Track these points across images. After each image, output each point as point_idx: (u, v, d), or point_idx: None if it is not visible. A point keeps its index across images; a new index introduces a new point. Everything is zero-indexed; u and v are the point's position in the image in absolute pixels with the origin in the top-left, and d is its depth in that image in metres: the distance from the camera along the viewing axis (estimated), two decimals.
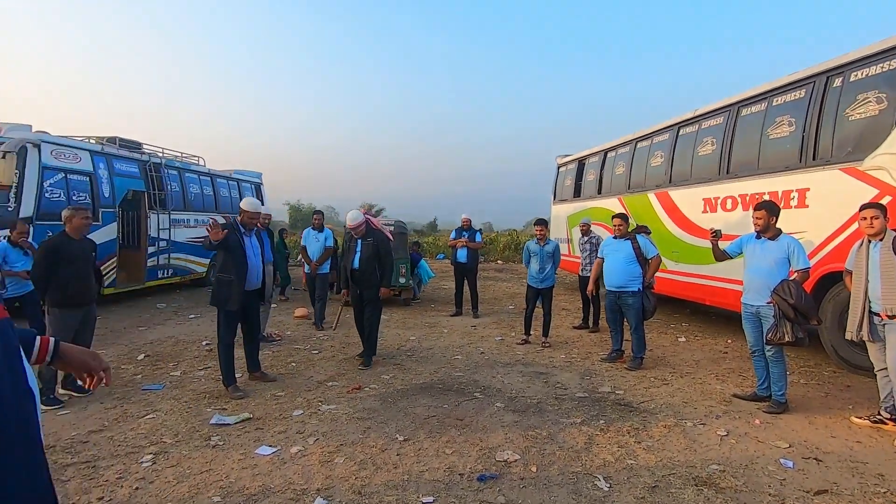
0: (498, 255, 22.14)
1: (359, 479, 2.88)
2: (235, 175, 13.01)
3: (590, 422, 3.76)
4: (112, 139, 9.38)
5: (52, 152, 7.60)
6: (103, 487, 2.76)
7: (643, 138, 8.72)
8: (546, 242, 6.17)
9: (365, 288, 5.23)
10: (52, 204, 7.36)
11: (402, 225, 9.45)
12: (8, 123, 7.46)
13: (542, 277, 6.11)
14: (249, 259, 4.33)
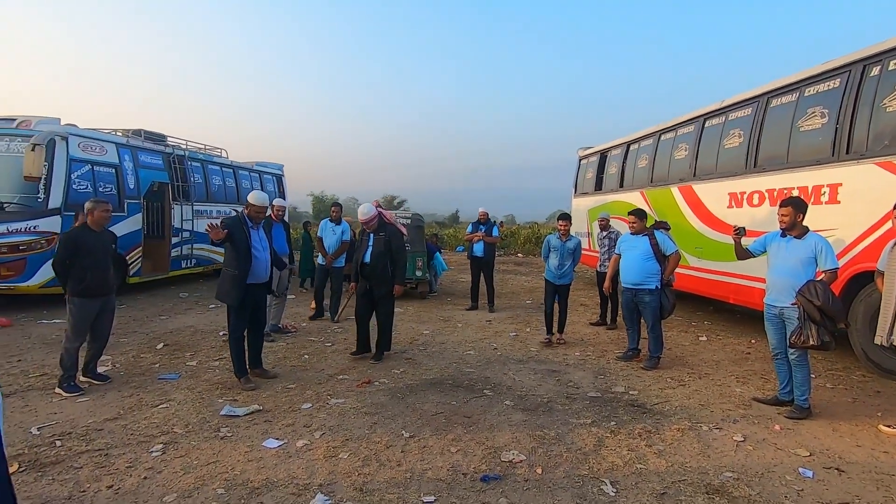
0: (518, 249, 21.97)
1: (361, 475, 2.88)
2: (257, 167, 13.20)
3: (600, 423, 3.67)
4: (137, 132, 9.61)
5: (79, 145, 7.82)
6: (113, 476, 2.82)
7: (667, 130, 8.46)
8: (568, 238, 5.96)
9: (376, 284, 5.11)
10: (80, 195, 7.57)
11: (419, 218, 9.43)
12: (37, 117, 7.70)
13: (561, 273, 5.94)
14: (256, 252, 4.34)
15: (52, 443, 3.19)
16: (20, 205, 7.19)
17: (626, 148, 9.97)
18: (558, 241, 5.94)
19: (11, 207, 7.15)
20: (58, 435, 3.31)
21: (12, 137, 7.42)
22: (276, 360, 5.14)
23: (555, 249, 5.95)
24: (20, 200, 7.22)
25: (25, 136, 7.24)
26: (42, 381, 4.36)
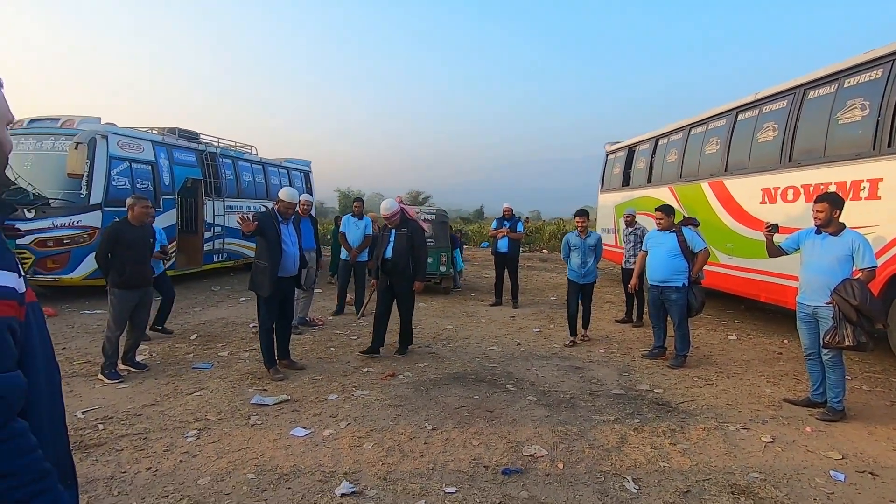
0: (544, 245, 21.79)
1: (385, 464, 2.95)
2: (286, 163, 13.47)
3: (623, 420, 3.65)
4: (172, 130, 9.93)
5: (118, 143, 8.15)
6: (152, 459, 2.97)
7: (697, 124, 8.25)
8: (588, 234, 5.81)
9: (397, 279, 5.11)
10: (119, 191, 7.90)
11: (443, 214, 9.47)
12: (80, 117, 8.05)
13: (585, 272, 5.78)
14: (285, 247, 4.47)
15: (96, 426, 3.38)
16: (64, 200, 7.55)
17: (655, 142, 9.77)
18: (578, 239, 5.80)
19: (56, 203, 7.51)
20: (100, 419, 3.49)
21: (57, 136, 7.79)
22: (302, 352, 5.28)
23: (575, 248, 5.80)
24: (64, 196, 7.57)
25: (69, 135, 7.58)
26: (85, 367, 4.60)
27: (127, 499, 2.56)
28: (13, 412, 0.77)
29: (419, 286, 5.19)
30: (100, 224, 7.54)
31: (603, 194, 12.21)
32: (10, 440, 0.75)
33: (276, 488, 2.68)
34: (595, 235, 5.91)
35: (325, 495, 2.62)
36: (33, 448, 0.79)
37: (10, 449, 0.75)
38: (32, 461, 0.78)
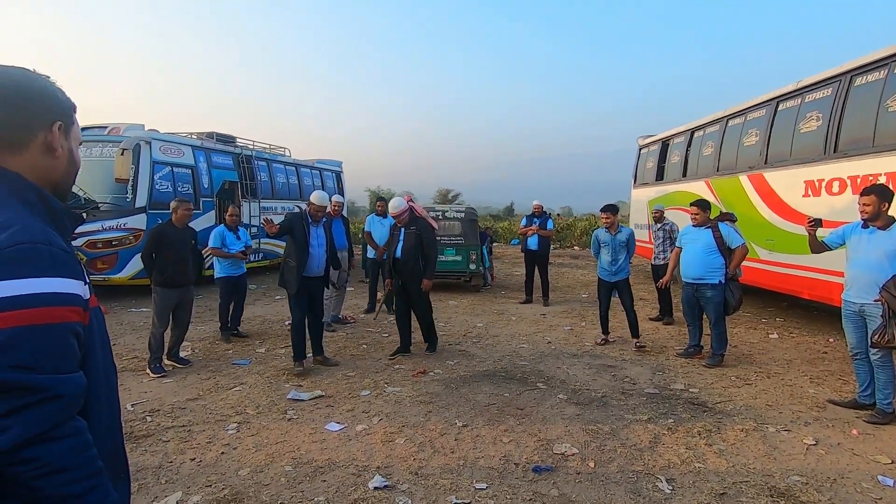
0: (575, 242, 21.49)
1: (417, 460, 3.00)
2: (318, 164, 13.75)
3: (657, 420, 3.59)
4: (210, 134, 10.31)
5: (160, 148, 8.52)
6: (195, 450, 3.12)
7: (736, 115, 7.97)
8: (618, 230, 5.55)
9: (408, 279, 5.02)
10: (161, 195, 8.27)
11: (472, 212, 9.48)
12: (125, 124, 8.46)
13: (616, 269, 5.52)
14: (312, 248, 4.59)
15: (144, 418, 3.57)
16: (112, 204, 7.95)
17: (690, 135, 9.50)
18: (607, 235, 5.55)
19: (105, 207, 7.92)
20: (148, 412, 3.69)
21: (105, 143, 8.20)
22: (336, 349, 5.40)
23: (605, 244, 5.56)
24: (112, 200, 7.98)
25: (116, 142, 7.98)
26: (133, 363, 4.85)
27: (173, 487, 2.71)
28: (74, 411, 0.84)
29: (427, 284, 5.05)
30: (144, 226, 7.90)
31: (636, 189, 11.95)
32: (70, 437, 0.82)
33: (312, 480, 2.78)
34: (626, 231, 5.65)
35: (359, 488, 2.69)
36: (89, 446, 0.86)
37: (69, 446, 0.82)
38: (88, 458, 0.85)
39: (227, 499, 2.59)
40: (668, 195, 10.01)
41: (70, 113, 0.97)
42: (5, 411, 0.77)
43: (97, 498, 0.86)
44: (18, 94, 0.90)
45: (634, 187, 12.10)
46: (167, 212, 8.73)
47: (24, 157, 0.91)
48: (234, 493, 2.65)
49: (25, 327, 0.79)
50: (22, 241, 0.81)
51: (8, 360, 0.77)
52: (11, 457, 0.77)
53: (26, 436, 0.77)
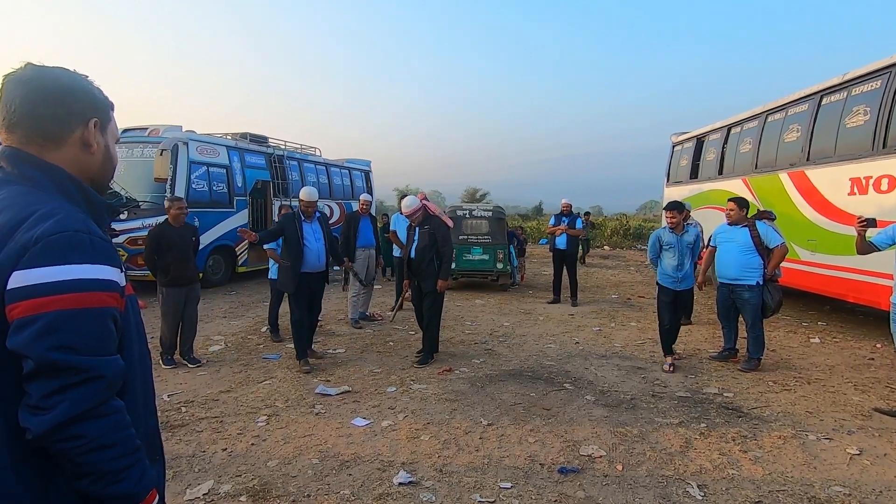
0: (605, 241, 21.12)
1: (441, 457, 3.01)
2: (347, 164, 13.94)
3: (689, 424, 3.49)
4: (244, 135, 10.59)
5: (197, 149, 8.80)
6: (227, 440, 3.21)
7: (775, 110, 7.67)
8: (684, 230, 4.78)
9: (423, 279, 4.87)
10: (198, 193, 8.55)
11: (500, 211, 9.43)
12: (164, 125, 8.78)
13: (682, 276, 4.73)
14: (308, 244, 4.63)
15: (179, 409, 3.69)
16: (152, 203, 8.25)
17: (727, 132, 9.19)
18: (672, 236, 4.75)
19: (145, 205, 8.23)
20: (183, 402, 3.82)
21: (145, 144, 8.53)
22: (363, 345, 5.47)
23: (669, 246, 4.74)
24: (151, 199, 8.28)
25: (155, 143, 8.29)
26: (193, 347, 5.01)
27: (206, 475, 2.79)
28: (113, 391, 0.88)
29: (443, 285, 4.81)
30: None
31: (669, 188, 11.64)
32: (110, 415, 0.86)
33: (338, 474, 2.82)
34: (693, 231, 4.87)
35: (384, 483, 2.72)
36: (128, 425, 0.90)
37: (110, 423, 0.86)
38: (128, 436, 0.89)
39: (257, 489, 2.65)
40: (702, 194, 9.72)
41: (107, 110, 1.02)
42: (52, 390, 0.81)
43: (137, 473, 0.90)
44: (58, 92, 0.95)
45: (667, 186, 11.79)
46: (204, 211, 9.03)
47: (63, 151, 0.95)
48: (262, 483, 2.71)
49: (69, 311, 0.83)
50: (65, 229, 0.85)
51: (54, 341, 0.81)
52: (58, 433, 0.81)
53: (71, 413, 0.81)
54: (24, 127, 0.93)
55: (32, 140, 0.93)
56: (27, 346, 0.80)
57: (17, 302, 0.81)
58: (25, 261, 0.81)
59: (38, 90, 0.93)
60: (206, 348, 5.30)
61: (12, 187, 0.90)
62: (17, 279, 0.81)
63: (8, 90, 0.93)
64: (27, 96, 0.92)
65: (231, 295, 8.39)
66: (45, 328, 0.80)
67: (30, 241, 0.82)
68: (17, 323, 0.81)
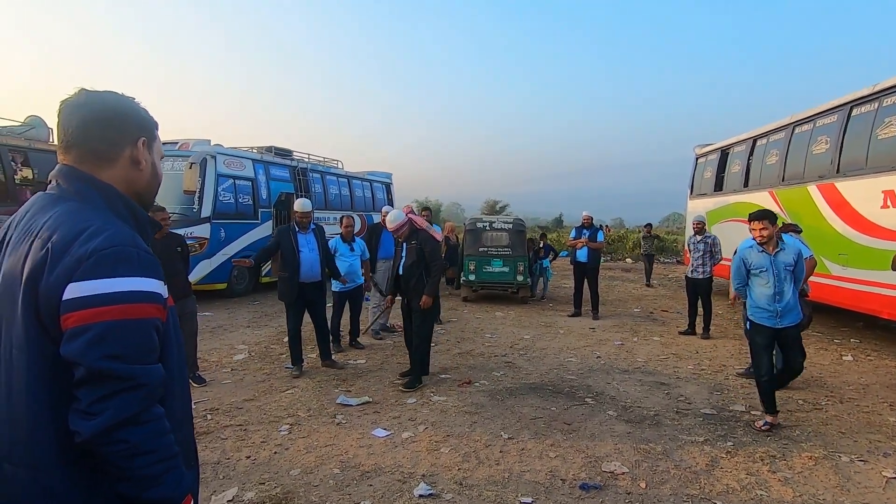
0: (626, 254, 20.84)
1: (461, 470, 3.00)
2: (368, 176, 14.14)
3: (714, 442, 3.41)
4: (269, 148, 10.85)
5: (224, 162, 9.06)
6: (251, 448, 3.27)
7: (803, 122, 7.53)
8: (779, 247, 3.64)
9: (412, 297, 4.61)
10: (224, 205, 8.78)
11: (520, 223, 9.42)
12: (193, 139, 9.07)
13: (783, 308, 3.58)
14: (303, 255, 4.72)
15: (205, 416, 3.77)
16: (180, 214, 8.50)
17: (753, 143, 9.04)
18: (763, 256, 3.63)
19: (174, 217, 8.48)
20: (208, 410, 3.90)
21: (175, 158, 8.81)
22: (384, 356, 5.50)
23: (761, 270, 3.64)
24: (180, 210, 8.54)
25: (185, 157, 8.56)
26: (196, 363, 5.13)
27: (230, 482, 2.84)
28: (155, 399, 0.93)
29: (427, 301, 4.47)
30: (208, 235, 8.41)
31: (692, 200, 11.48)
32: (151, 422, 0.91)
33: (359, 484, 2.83)
34: (793, 247, 3.73)
35: (404, 495, 2.72)
36: (168, 431, 0.94)
37: (151, 430, 0.91)
38: (167, 443, 0.94)
39: (279, 497, 2.69)
40: (727, 206, 9.55)
41: (153, 130, 1.09)
42: (99, 397, 0.86)
43: (174, 479, 0.94)
44: (109, 114, 1.02)
45: (691, 198, 11.63)
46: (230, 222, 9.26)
47: (114, 169, 1.03)
48: (285, 491, 2.75)
49: (118, 321, 0.88)
50: (115, 244, 0.91)
51: (103, 350, 0.86)
52: (104, 438, 0.86)
53: (116, 419, 0.86)
54: (80, 147, 1.00)
55: (87, 159, 1.00)
56: (79, 354, 0.85)
57: (71, 312, 0.86)
58: (80, 273, 0.87)
59: (92, 113, 1.00)
60: (231, 357, 5.41)
61: (67, 203, 0.96)
62: (72, 290, 0.86)
63: (65, 114, 1.00)
64: (82, 119, 1.00)
65: (254, 305, 8.55)
66: (96, 337, 0.86)
67: (84, 254, 0.88)
68: (70, 332, 0.86)
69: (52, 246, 0.89)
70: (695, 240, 6.68)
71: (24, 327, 0.88)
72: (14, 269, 0.91)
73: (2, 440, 0.91)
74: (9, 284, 0.91)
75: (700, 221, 6.85)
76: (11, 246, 0.95)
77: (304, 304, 4.86)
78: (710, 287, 6.63)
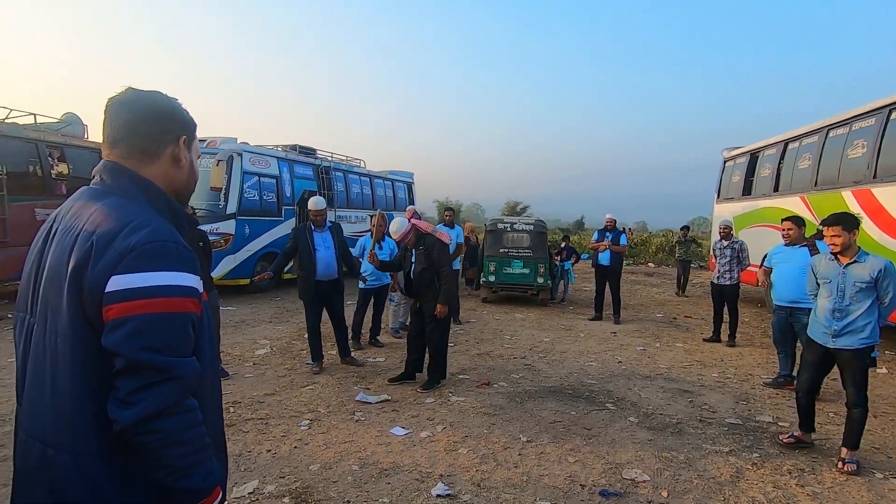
0: (649, 258, 20.50)
1: (479, 471, 2.99)
2: (390, 175, 14.22)
3: (739, 453, 3.32)
4: (294, 146, 11.00)
5: (250, 160, 9.22)
6: (271, 442, 3.32)
7: (838, 125, 7.28)
8: (854, 258, 3.19)
9: (424, 301, 4.55)
10: (249, 202, 8.93)
11: (541, 224, 9.35)
12: (220, 137, 9.25)
13: (841, 328, 3.16)
14: (319, 253, 4.78)
15: (227, 408, 3.84)
16: (207, 210, 8.69)
17: (784, 147, 8.78)
18: (833, 267, 3.26)
19: (201, 213, 8.67)
20: (231, 403, 3.97)
21: (202, 155, 9.01)
22: (403, 355, 5.48)
23: (826, 280, 3.30)
24: (207, 207, 8.72)
25: (212, 154, 8.74)
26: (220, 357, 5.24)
27: (251, 475, 2.89)
28: (189, 392, 0.95)
29: (441, 310, 4.40)
30: (233, 231, 8.57)
31: (719, 204, 11.22)
32: (184, 414, 0.93)
33: (377, 482, 2.85)
34: (876, 263, 3.15)
35: (422, 494, 2.73)
36: (200, 423, 0.96)
37: (184, 421, 0.93)
38: (199, 434, 0.96)
39: (299, 491, 2.72)
40: (756, 211, 9.31)
41: (192, 129, 1.12)
42: (137, 387, 0.88)
43: (205, 470, 0.96)
44: (155, 113, 1.05)
45: (718, 202, 11.36)
46: (254, 219, 9.42)
47: (157, 166, 1.05)
48: (304, 486, 2.78)
49: (157, 314, 0.90)
50: (156, 239, 0.93)
51: (142, 342, 0.88)
52: (140, 427, 0.88)
53: (152, 410, 0.88)
54: (125, 144, 1.03)
55: (132, 155, 1.03)
56: (119, 344, 0.88)
57: (112, 304, 0.89)
58: (122, 266, 0.90)
59: (138, 111, 1.03)
60: (253, 351, 5.50)
61: (111, 199, 0.99)
62: (114, 283, 0.89)
63: (112, 111, 1.03)
64: (129, 117, 1.03)
65: (276, 300, 8.68)
66: (135, 329, 0.88)
67: (126, 248, 0.90)
68: (111, 323, 0.89)
69: (96, 239, 0.91)
70: (721, 245, 6.52)
71: (69, 317, 0.91)
72: (59, 260, 0.94)
73: (46, 427, 0.94)
74: (54, 275, 0.94)
75: (727, 226, 6.68)
76: (57, 238, 0.98)
77: (322, 301, 4.91)
78: (737, 294, 6.46)
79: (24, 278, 1.03)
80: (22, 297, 1.03)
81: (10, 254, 6.96)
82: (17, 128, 7.96)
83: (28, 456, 0.96)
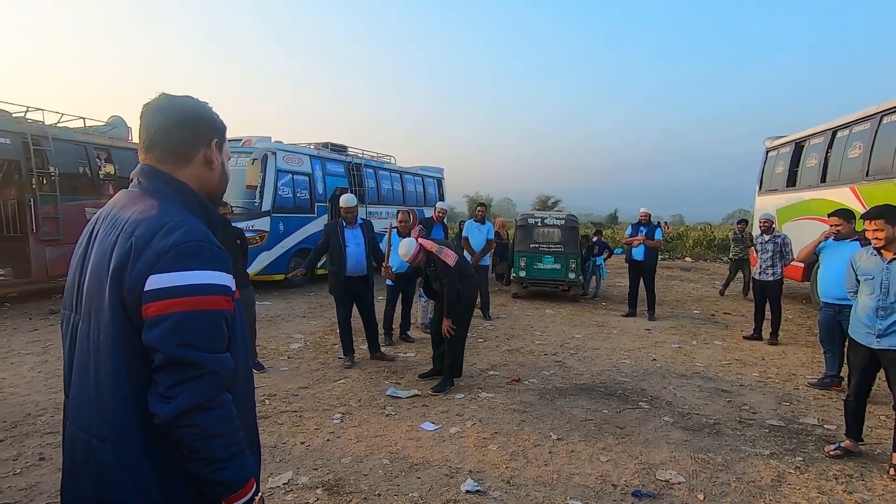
0: (686, 252, 19.88)
1: (509, 468, 2.98)
2: (420, 171, 14.28)
3: (782, 456, 3.19)
4: (325, 144, 11.19)
5: (283, 158, 9.43)
6: (305, 434, 3.40)
7: (892, 111, 6.85)
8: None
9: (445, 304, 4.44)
10: (283, 200, 9.15)
11: (573, 219, 9.20)
12: (255, 137, 9.50)
13: (889, 326, 2.98)
14: (349, 249, 4.83)
15: (263, 401, 3.96)
16: (243, 208, 8.95)
17: (832, 135, 8.33)
18: (876, 261, 3.10)
19: (237, 210, 8.94)
20: (266, 396, 4.09)
21: (238, 154, 9.27)
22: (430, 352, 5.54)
23: (867, 277, 3.12)
24: (243, 205, 8.98)
25: (247, 153, 8.99)
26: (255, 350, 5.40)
27: (286, 466, 2.97)
28: (224, 387, 0.99)
29: (446, 325, 4.32)
30: (268, 228, 8.80)
31: (761, 196, 10.75)
32: (219, 408, 0.97)
33: (407, 476, 2.88)
34: None
35: (451, 489, 2.74)
36: (234, 418, 1.00)
37: (220, 415, 0.96)
38: (233, 428, 0.99)
39: (331, 483, 2.78)
40: (802, 203, 8.88)
41: (224, 132, 1.15)
42: (175, 382, 0.92)
43: (239, 463, 0.99)
44: (188, 118, 1.09)
45: (759, 194, 10.89)
46: (288, 216, 9.63)
47: (190, 169, 1.10)
48: (337, 478, 2.84)
49: (193, 311, 0.94)
50: (191, 239, 0.97)
51: (179, 338, 0.92)
52: (178, 421, 0.92)
53: (189, 405, 0.92)
54: (161, 148, 1.07)
55: (167, 159, 1.08)
56: (158, 341, 0.92)
57: (151, 302, 0.93)
58: (160, 266, 0.94)
59: (172, 116, 1.08)
60: (287, 346, 5.65)
61: (148, 201, 1.04)
62: (153, 282, 0.93)
63: (148, 116, 1.08)
64: (163, 122, 1.07)
65: (310, 296, 8.87)
66: (173, 326, 0.92)
67: (164, 248, 0.94)
68: (150, 321, 0.93)
69: (135, 240, 0.95)
70: (763, 239, 6.25)
71: (111, 315, 0.96)
72: (101, 261, 0.99)
73: (91, 418, 0.99)
74: (96, 275, 0.99)
75: (767, 220, 6.39)
76: (99, 239, 1.03)
77: (352, 297, 4.99)
78: (779, 290, 6.19)
79: (69, 278, 1.09)
80: (67, 296, 1.09)
81: (65, 251, 7.37)
82: (68, 131, 8.39)
83: (75, 446, 1.02)
